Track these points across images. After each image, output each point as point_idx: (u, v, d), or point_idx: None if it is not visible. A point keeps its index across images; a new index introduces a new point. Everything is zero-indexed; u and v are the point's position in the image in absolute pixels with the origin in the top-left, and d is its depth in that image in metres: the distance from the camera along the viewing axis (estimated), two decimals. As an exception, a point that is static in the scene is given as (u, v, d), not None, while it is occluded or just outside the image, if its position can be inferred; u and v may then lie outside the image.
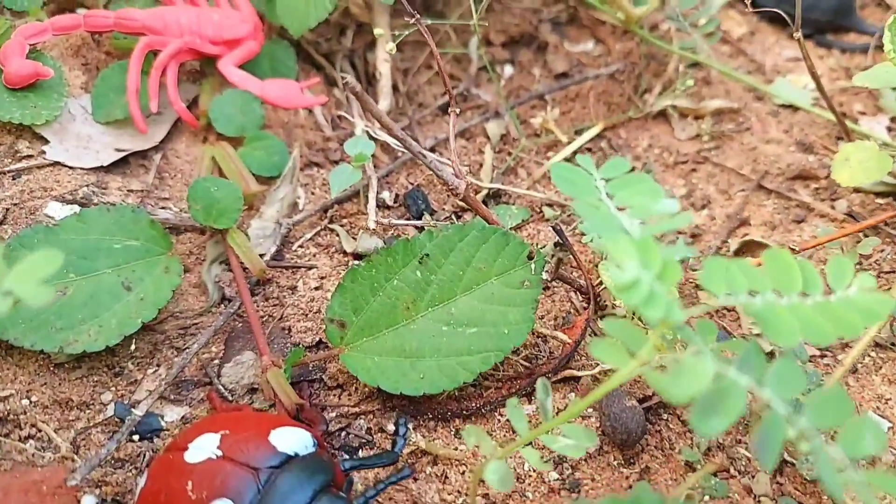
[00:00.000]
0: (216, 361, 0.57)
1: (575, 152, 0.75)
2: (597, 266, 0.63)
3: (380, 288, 0.54)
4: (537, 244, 0.67)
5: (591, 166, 0.47)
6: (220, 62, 0.71)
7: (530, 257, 0.55)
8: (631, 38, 0.87)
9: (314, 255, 0.65)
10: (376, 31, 0.75)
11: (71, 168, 0.65)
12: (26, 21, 0.76)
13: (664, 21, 0.86)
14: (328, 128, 0.75)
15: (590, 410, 0.54)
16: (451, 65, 0.85)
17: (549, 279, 0.63)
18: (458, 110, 0.61)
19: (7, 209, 0.60)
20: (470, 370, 0.52)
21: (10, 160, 0.64)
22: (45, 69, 0.66)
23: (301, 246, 0.66)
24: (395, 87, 0.80)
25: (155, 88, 0.68)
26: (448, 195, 0.70)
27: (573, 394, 0.56)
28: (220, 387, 0.55)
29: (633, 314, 0.57)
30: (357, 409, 0.54)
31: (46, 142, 0.66)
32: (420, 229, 0.66)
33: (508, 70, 0.84)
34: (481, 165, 0.74)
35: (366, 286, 0.54)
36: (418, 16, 0.61)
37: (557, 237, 0.62)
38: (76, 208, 0.61)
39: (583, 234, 0.67)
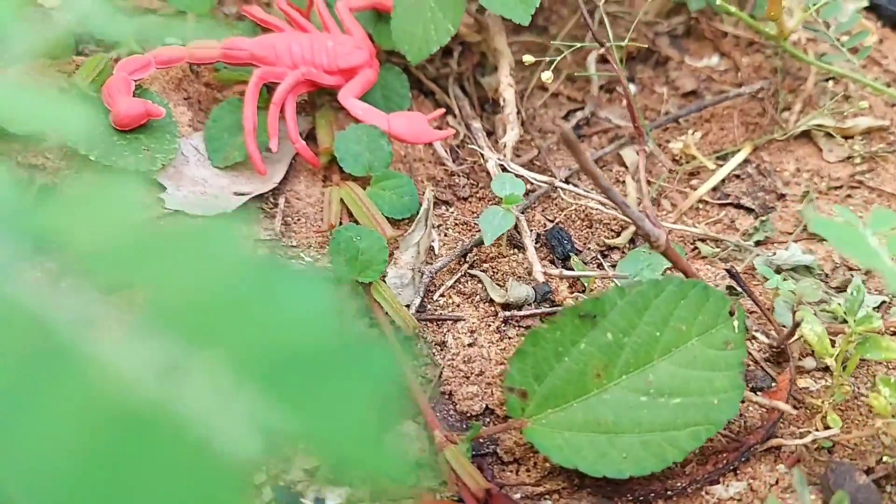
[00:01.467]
0: (371, 433, 0.51)
1: (723, 180, 0.68)
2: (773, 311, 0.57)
3: (565, 352, 0.48)
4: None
5: (854, 218, 0.40)
6: (340, 94, 0.65)
7: (731, 313, 0.49)
8: (758, 51, 0.80)
9: (458, 306, 0.59)
10: (505, 56, 0.70)
11: (191, 217, 0.59)
12: (118, 55, 0.71)
13: (796, 32, 0.79)
14: (449, 159, 0.69)
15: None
16: (566, 85, 0.79)
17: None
18: (647, 147, 0.55)
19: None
20: (678, 447, 0.46)
21: (127, 211, 0.58)
22: (157, 108, 0.61)
23: (443, 295, 0.60)
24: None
25: (274, 126, 0.62)
26: (590, 233, 0.64)
27: (781, 465, 0.49)
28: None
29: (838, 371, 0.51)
30: (541, 489, 0.48)
31: (162, 188, 0.60)
32: (576, 286, 0.60)
33: (631, 89, 0.78)
34: (624, 196, 0.67)
35: (549, 350, 0.48)
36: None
37: (732, 280, 0.56)
38: (207, 265, 0.55)
39: (755, 274, 0.61)
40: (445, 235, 0.64)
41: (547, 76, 0.63)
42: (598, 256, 0.63)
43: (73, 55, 0.73)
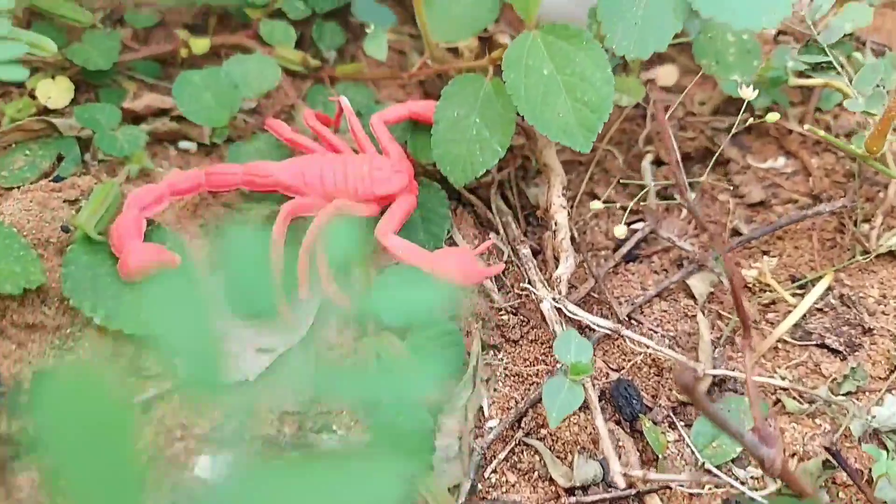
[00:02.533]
0: None
1: (805, 315, 0.61)
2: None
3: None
4: (788, 453, 0.53)
5: None
6: (378, 230, 0.57)
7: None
8: (827, 150, 0.73)
9: (513, 486, 0.52)
10: (556, 173, 0.63)
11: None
12: (128, 172, 0.65)
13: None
14: (495, 290, 0.62)
15: None
16: (618, 191, 0.72)
17: (822, 513, 0.49)
18: (752, 352, 0.47)
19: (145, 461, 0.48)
20: None
21: (136, 385, 0.51)
22: (171, 256, 0.54)
23: (495, 471, 0.52)
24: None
25: (305, 274, 0.55)
26: (659, 383, 0.57)
27: None
28: None
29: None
30: None
31: (177, 349, 0.53)
32: (646, 452, 0.52)
33: (690, 197, 0.71)
34: (690, 335, 0.60)
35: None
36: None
37: (833, 459, 0.48)
38: (228, 457, 0.48)
39: (847, 434, 0.53)
40: (495, 391, 0.56)
41: (622, 231, 0.56)
42: (670, 414, 0.55)
43: (79, 167, 0.67)
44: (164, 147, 0.73)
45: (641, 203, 0.70)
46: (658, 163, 0.73)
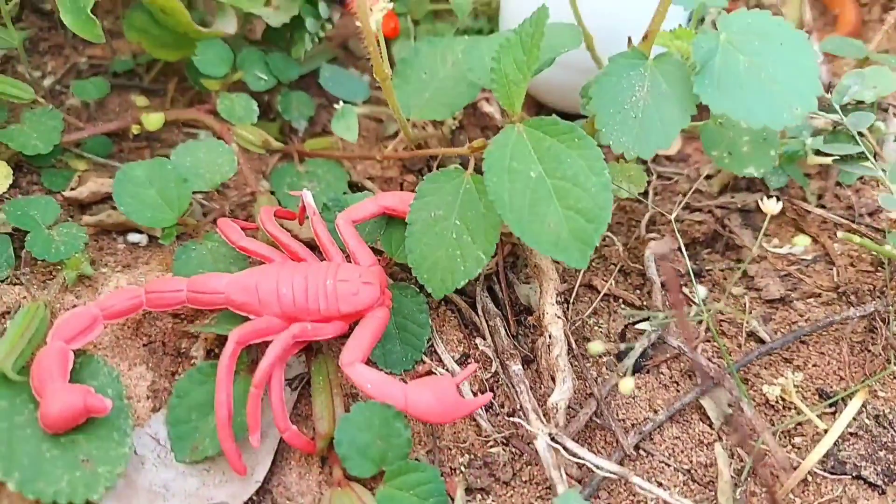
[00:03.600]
0: None
1: (837, 441, 0.53)
2: None
3: None
4: None
5: None
6: (343, 359, 0.50)
7: None
8: (850, 230, 0.65)
9: None
10: (549, 278, 0.55)
11: (145, 562, 0.44)
12: (64, 280, 0.57)
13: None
14: (483, 416, 0.54)
15: None
16: (620, 283, 0.64)
17: None
18: (734, 395, 0.40)
19: None
20: None
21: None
22: (100, 401, 0.46)
23: None
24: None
25: (256, 415, 0.47)
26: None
27: None
28: None
29: None
30: None
31: (107, 515, 0.46)
32: None
33: (701, 292, 0.63)
34: (707, 466, 0.52)
35: None
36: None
37: None
38: None
39: None
40: (484, 547, 0.48)
41: (597, 349, 0.49)
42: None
43: (12, 268, 0.59)
44: (111, 239, 0.65)
45: (643, 294, 0.62)
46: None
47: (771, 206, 0.49)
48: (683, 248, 0.59)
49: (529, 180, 0.49)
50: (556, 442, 0.50)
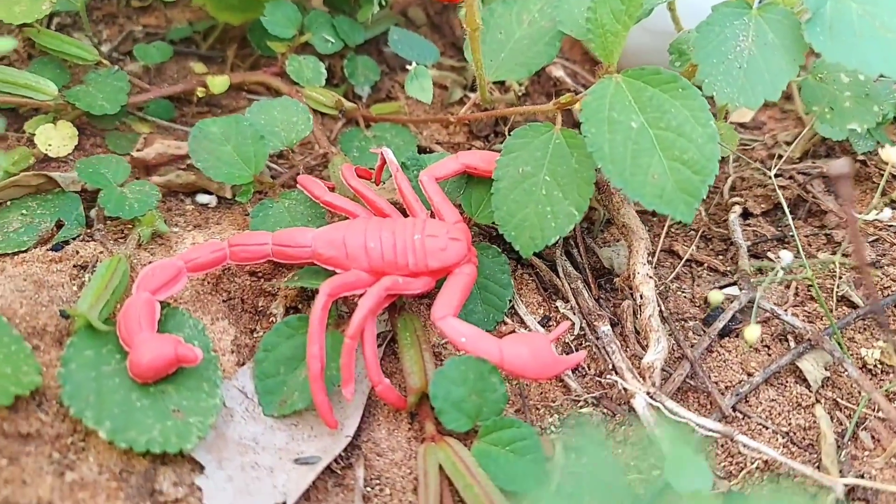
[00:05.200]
0: None
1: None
2: None
3: None
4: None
5: None
6: (435, 312, 0.48)
7: None
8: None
9: None
10: (639, 237, 0.53)
11: (241, 514, 0.43)
12: (139, 238, 0.56)
13: None
14: (571, 374, 0.53)
15: None
16: (702, 248, 0.62)
17: None
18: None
19: None
20: None
21: (152, 513, 0.42)
22: (191, 351, 0.45)
23: None
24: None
25: (351, 368, 0.46)
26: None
27: None
28: None
29: None
30: None
31: (199, 467, 0.44)
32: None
33: (785, 257, 0.61)
34: (805, 429, 0.50)
35: None
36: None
37: None
38: None
39: None
40: (581, 507, 0.47)
41: (717, 299, 0.47)
42: (792, 535, 0.46)
43: (83, 227, 0.58)
44: (179, 201, 0.64)
45: (728, 260, 0.61)
46: (745, 215, 0.64)
47: (891, 154, 0.47)
48: (768, 212, 0.58)
49: (630, 131, 0.47)
50: (656, 402, 0.48)
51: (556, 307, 0.58)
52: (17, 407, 0.45)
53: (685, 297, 0.59)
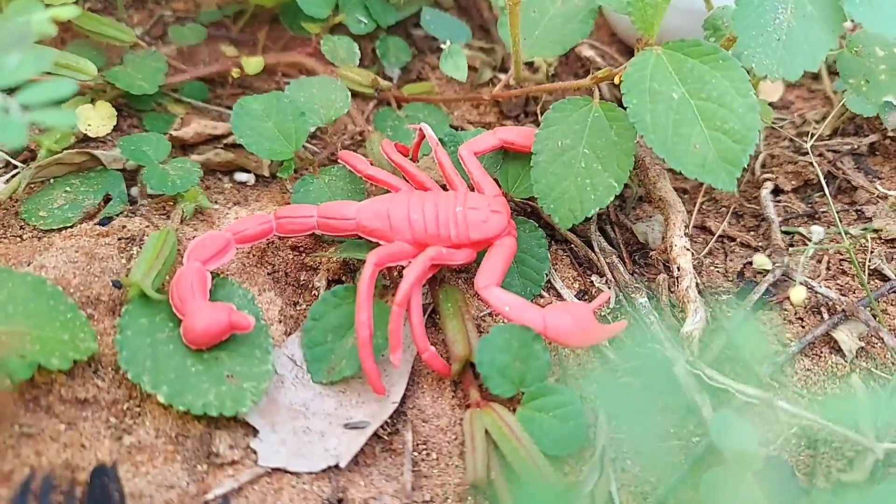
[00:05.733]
0: None
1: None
2: None
3: None
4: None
5: None
6: (480, 283, 0.49)
7: None
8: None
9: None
10: (675, 209, 0.54)
11: (294, 475, 0.44)
12: (182, 212, 0.57)
13: None
14: (608, 346, 0.54)
15: None
16: (734, 224, 0.63)
17: None
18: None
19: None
20: None
21: (209, 473, 0.43)
22: (244, 318, 0.46)
23: (635, 572, 0.44)
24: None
25: (399, 334, 0.47)
26: (814, 461, 0.48)
27: None
28: None
29: None
30: None
31: (252, 430, 0.45)
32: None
33: (817, 231, 0.62)
34: (842, 399, 0.51)
35: None
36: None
37: None
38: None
39: None
40: (623, 471, 0.48)
41: (762, 262, 0.48)
42: (831, 499, 0.47)
43: (126, 204, 0.59)
44: (217, 179, 0.65)
45: (759, 235, 0.61)
46: (776, 191, 0.65)
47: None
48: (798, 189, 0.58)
49: (672, 101, 0.48)
50: (696, 370, 0.49)
51: (592, 282, 0.58)
52: (74, 374, 0.46)
53: (718, 272, 0.60)
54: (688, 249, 0.54)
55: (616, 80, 0.53)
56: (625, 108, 0.50)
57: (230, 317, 0.45)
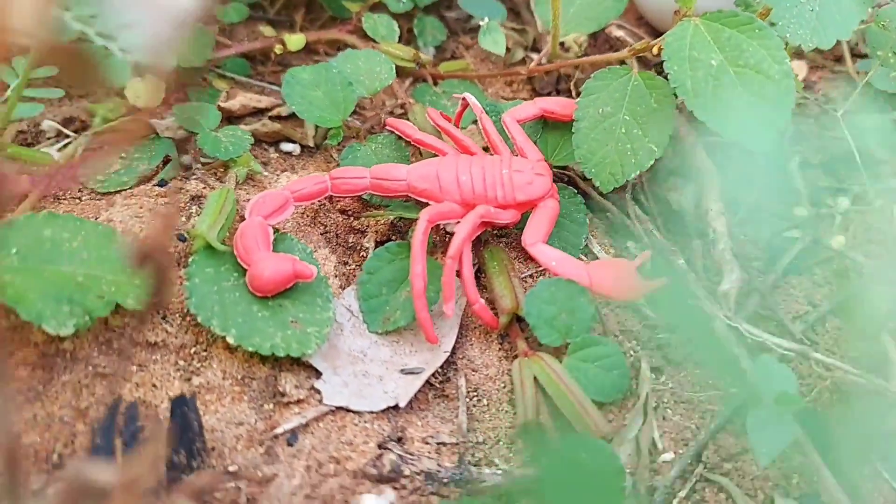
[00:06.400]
0: None
1: None
2: None
3: None
4: None
5: None
6: (527, 238, 0.52)
7: None
8: None
9: (701, 531, 0.46)
10: (711, 175, 0.57)
11: (357, 413, 0.46)
12: (236, 176, 0.59)
13: None
14: (646, 307, 0.56)
15: None
16: (761, 195, 0.66)
17: None
18: None
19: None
20: None
21: (275, 411, 0.46)
22: (307, 267, 0.48)
23: (676, 513, 0.46)
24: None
25: (452, 286, 0.49)
26: (849, 416, 0.51)
27: None
28: None
29: None
30: None
31: (315, 373, 0.48)
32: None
33: (842, 202, 0.64)
34: (872, 356, 0.54)
35: None
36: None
37: None
38: (391, 496, 0.42)
39: None
40: (664, 419, 0.50)
41: (801, 213, 0.50)
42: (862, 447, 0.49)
43: (178, 170, 0.61)
44: (263, 150, 0.67)
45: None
46: (803, 165, 0.67)
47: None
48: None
49: (711, 68, 0.51)
50: (734, 324, 0.51)
51: (628, 247, 0.61)
52: (144, 318, 0.48)
53: (748, 240, 0.62)
54: (722, 214, 0.57)
55: (654, 51, 0.55)
56: (664, 77, 0.53)
57: (294, 266, 0.48)
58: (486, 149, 0.59)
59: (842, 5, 0.51)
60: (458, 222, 0.52)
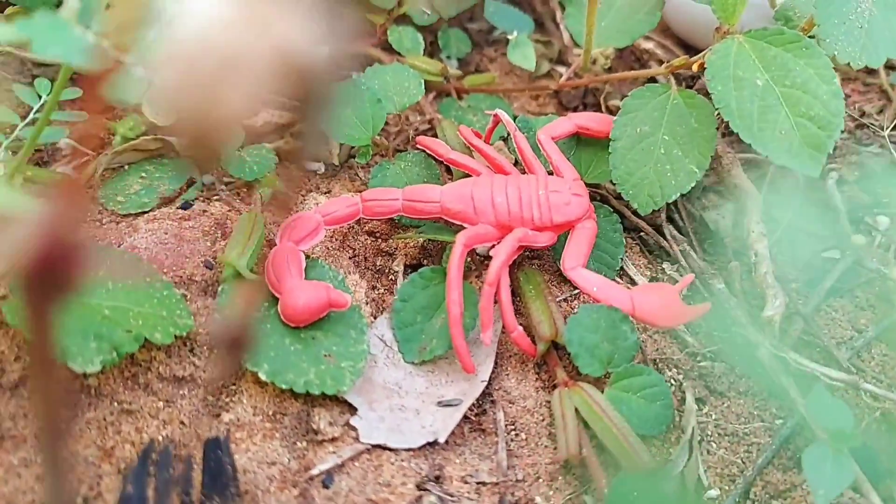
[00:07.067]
0: None
1: None
2: None
3: None
4: None
5: None
6: (567, 263, 0.50)
7: None
8: None
9: (751, 567, 0.44)
10: (751, 195, 0.55)
11: (393, 451, 0.45)
12: (260, 197, 0.57)
13: None
14: (687, 331, 0.54)
15: None
16: (799, 215, 0.64)
17: None
18: None
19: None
20: None
21: (309, 450, 0.44)
22: (341, 296, 0.47)
23: (726, 550, 0.45)
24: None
25: (490, 313, 0.48)
26: (900, 444, 0.49)
27: None
28: None
29: None
30: None
31: (351, 409, 0.46)
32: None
33: (882, 221, 0.63)
34: (918, 385, 0.52)
35: None
36: None
37: None
38: (434, 539, 0.41)
39: None
40: (708, 453, 0.48)
41: (859, 241, 0.48)
42: (915, 480, 0.47)
43: (200, 191, 0.60)
44: (285, 168, 0.66)
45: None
46: (840, 182, 0.65)
47: None
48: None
49: (756, 88, 0.49)
50: (781, 353, 0.50)
51: (663, 268, 0.59)
52: (171, 351, 0.47)
53: (786, 261, 0.61)
54: (764, 235, 0.55)
55: (695, 69, 0.54)
56: (705, 97, 0.51)
57: (329, 294, 0.46)
58: (515, 163, 0.58)
59: (892, 22, 0.49)
60: (491, 245, 0.50)
